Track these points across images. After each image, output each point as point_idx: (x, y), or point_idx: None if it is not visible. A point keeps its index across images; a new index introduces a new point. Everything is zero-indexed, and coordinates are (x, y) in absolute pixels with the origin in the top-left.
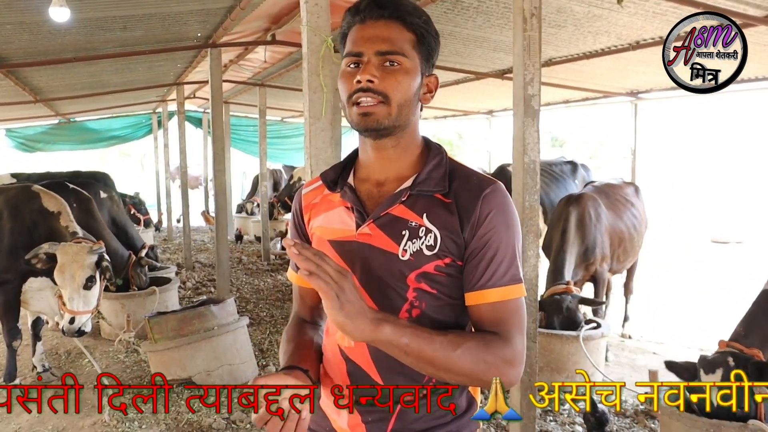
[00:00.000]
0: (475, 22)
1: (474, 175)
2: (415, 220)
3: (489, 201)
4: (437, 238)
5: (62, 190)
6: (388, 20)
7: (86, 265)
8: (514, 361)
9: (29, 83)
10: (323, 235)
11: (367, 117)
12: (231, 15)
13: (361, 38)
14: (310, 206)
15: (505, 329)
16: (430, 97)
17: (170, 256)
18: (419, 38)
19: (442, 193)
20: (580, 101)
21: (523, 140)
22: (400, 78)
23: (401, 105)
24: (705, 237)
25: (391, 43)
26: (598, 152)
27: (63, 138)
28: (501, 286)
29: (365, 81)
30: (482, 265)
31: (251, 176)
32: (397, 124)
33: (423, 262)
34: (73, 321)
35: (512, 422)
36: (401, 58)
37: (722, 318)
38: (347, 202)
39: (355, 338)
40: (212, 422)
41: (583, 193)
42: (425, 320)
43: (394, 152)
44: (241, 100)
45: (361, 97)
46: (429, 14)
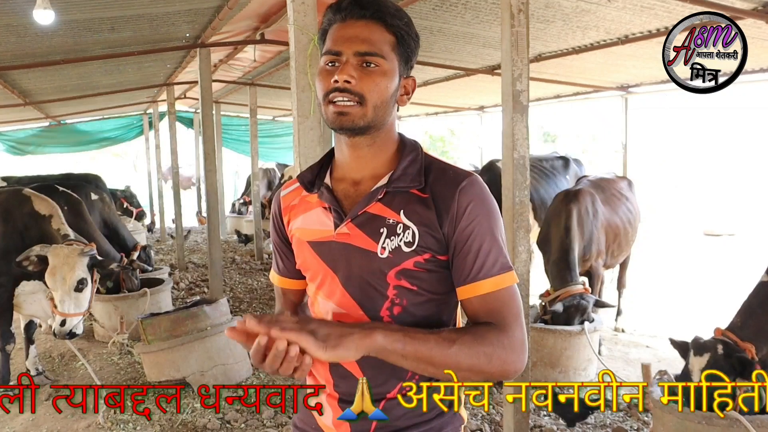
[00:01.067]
0: (463, 19)
1: (450, 168)
2: (392, 218)
3: (466, 193)
4: (415, 234)
5: (52, 192)
6: (369, 21)
7: (77, 267)
8: (515, 347)
9: (18, 86)
10: (302, 237)
11: (342, 116)
12: (219, 15)
13: (340, 37)
14: (289, 208)
15: (500, 318)
16: (407, 99)
17: (163, 257)
18: (399, 40)
19: (418, 189)
20: (571, 96)
21: (512, 136)
22: (378, 80)
23: (377, 106)
24: (697, 230)
25: (371, 44)
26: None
27: (54, 140)
28: (492, 276)
29: (342, 81)
30: (470, 258)
31: (244, 176)
32: (373, 125)
33: (402, 259)
34: (64, 323)
35: (504, 418)
36: (380, 60)
37: (715, 310)
38: (324, 202)
39: (353, 358)
40: (207, 422)
41: (580, 189)
42: (407, 317)
43: (370, 151)
44: (231, 99)
45: (337, 97)
46: (418, 11)
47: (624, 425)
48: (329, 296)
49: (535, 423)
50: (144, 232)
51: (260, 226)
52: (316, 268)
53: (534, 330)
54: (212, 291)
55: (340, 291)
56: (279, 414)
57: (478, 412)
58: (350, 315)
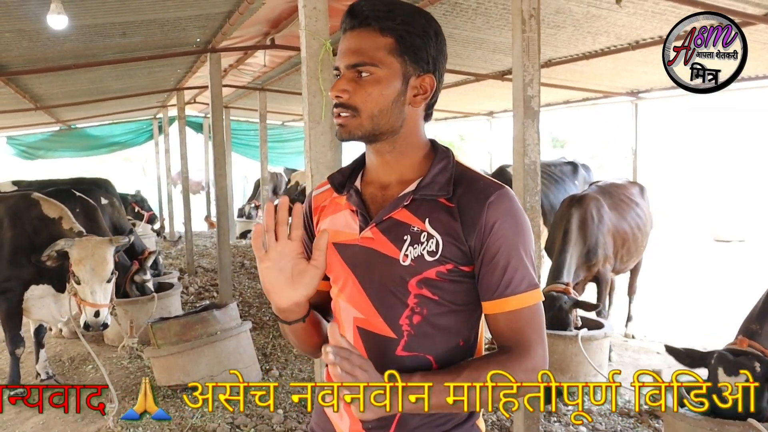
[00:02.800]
0: (474, 24)
1: (480, 179)
2: (417, 225)
3: (495, 208)
4: (439, 243)
5: (68, 197)
6: (360, 29)
7: (108, 258)
8: (536, 367)
9: (29, 91)
10: (329, 238)
11: (341, 128)
12: (230, 20)
13: (340, 51)
14: (319, 208)
15: (523, 337)
16: (422, 98)
17: (172, 261)
18: (398, 40)
19: (445, 198)
20: (581, 101)
21: (523, 141)
22: (370, 89)
23: (374, 115)
24: (707, 236)
25: (360, 53)
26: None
27: (64, 145)
28: (519, 293)
29: (334, 96)
30: (497, 274)
31: (252, 180)
32: (376, 132)
33: (424, 267)
34: (99, 314)
35: (514, 425)
36: (371, 68)
37: (725, 317)
38: (352, 205)
39: (371, 418)
40: (216, 427)
41: (585, 194)
42: (427, 327)
43: (392, 157)
44: (241, 104)
45: (338, 112)
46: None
47: None
48: (350, 300)
49: (545, 429)
50: (154, 237)
51: None
52: (338, 271)
53: None
54: (222, 295)
55: (360, 295)
56: (289, 419)
57: (488, 418)
58: (369, 321)
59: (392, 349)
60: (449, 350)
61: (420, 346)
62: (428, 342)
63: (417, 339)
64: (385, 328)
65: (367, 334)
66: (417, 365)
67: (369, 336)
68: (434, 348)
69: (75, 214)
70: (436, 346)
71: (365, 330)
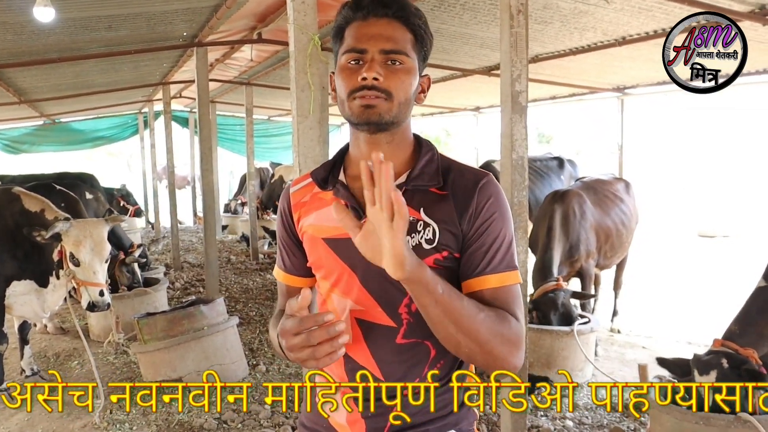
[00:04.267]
0: (461, 19)
1: (467, 168)
2: (412, 215)
3: (485, 191)
4: (435, 231)
5: (49, 191)
6: (391, 19)
7: (105, 237)
8: (521, 341)
9: (13, 84)
10: (317, 234)
11: (369, 109)
12: (217, 14)
13: (364, 35)
14: (299, 204)
15: (510, 310)
16: (423, 97)
17: (158, 256)
18: (418, 39)
19: (437, 187)
20: (567, 97)
21: (511, 137)
22: (403, 77)
23: (402, 103)
24: (692, 231)
25: (395, 41)
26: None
27: (48, 139)
28: (499, 272)
29: (371, 79)
30: (481, 252)
31: (238, 175)
32: (396, 120)
33: (422, 256)
34: (103, 293)
35: (501, 419)
36: (404, 58)
37: (710, 311)
38: (341, 199)
39: (401, 275)
40: (203, 422)
41: (568, 190)
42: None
43: (388, 148)
44: (227, 99)
45: (366, 94)
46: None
47: (621, 425)
48: (346, 293)
49: (532, 423)
50: (139, 232)
51: (255, 226)
52: (331, 266)
53: (531, 330)
54: (208, 290)
55: (358, 288)
56: (276, 414)
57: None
58: (368, 312)
59: (392, 337)
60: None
61: (418, 332)
62: (426, 328)
63: (415, 326)
64: (385, 318)
65: (365, 324)
66: (416, 352)
67: (367, 325)
68: (431, 335)
69: (58, 208)
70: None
71: (363, 320)
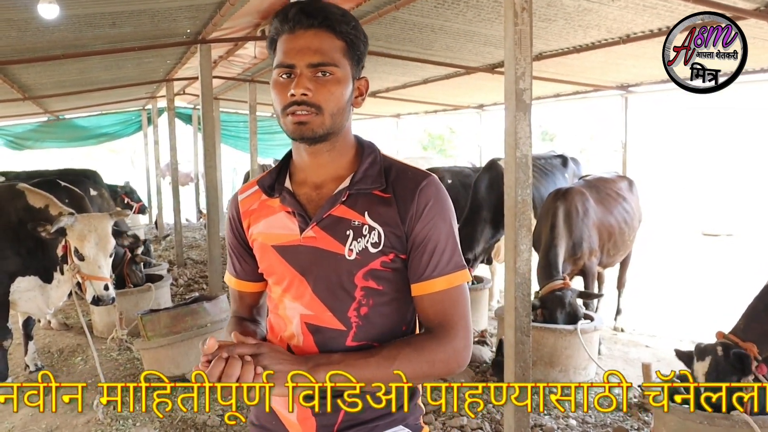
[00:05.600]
0: (465, 17)
1: (409, 169)
2: (357, 219)
3: (425, 194)
4: (381, 234)
5: (54, 188)
6: (317, 30)
7: (110, 232)
8: (457, 349)
9: (17, 81)
10: (266, 241)
11: (302, 126)
12: (220, 11)
13: (291, 49)
14: (248, 212)
15: (447, 318)
16: (362, 100)
17: (161, 253)
18: (349, 45)
19: (380, 189)
20: (571, 95)
21: (514, 134)
22: (333, 89)
23: (334, 114)
24: (696, 230)
25: (322, 54)
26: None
27: (52, 135)
28: (446, 274)
29: (299, 95)
30: (425, 257)
31: (242, 172)
32: (331, 131)
33: (369, 259)
34: (108, 287)
35: (504, 417)
36: (333, 68)
37: (714, 310)
38: (288, 206)
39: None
40: (206, 419)
41: (570, 188)
42: (373, 316)
43: (330, 156)
44: (231, 96)
45: (296, 110)
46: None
47: (624, 425)
48: (297, 298)
49: (535, 422)
50: (143, 228)
51: None
52: (282, 272)
53: (534, 329)
54: (211, 287)
55: (308, 294)
56: None
57: (421, 407)
58: (318, 317)
59: (342, 341)
60: (394, 335)
61: (368, 335)
62: (375, 330)
63: (365, 329)
64: (335, 322)
65: (315, 329)
66: None
67: (318, 330)
68: (381, 335)
69: (63, 205)
70: (382, 333)
71: (313, 325)
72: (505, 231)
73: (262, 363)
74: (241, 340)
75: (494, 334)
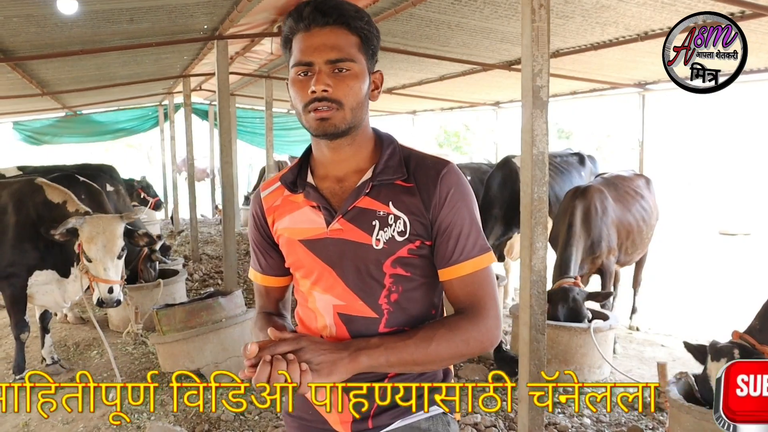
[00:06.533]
0: (482, 14)
1: (428, 158)
2: (382, 209)
3: (447, 181)
4: (406, 223)
5: (73, 182)
6: (333, 26)
7: (119, 234)
8: (489, 327)
9: (36, 76)
10: (293, 236)
11: (325, 122)
12: (237, 7)
13: (308, 47)
14: (272, 209)
15: (477, 300)
16: (378, 93)
17: (177, 248)
18: (363, 40)
19: (402, 179)
20: (588, 92)
21: (531, 132)
22: (351, 83)
23: (354, 108)
24: (713, 229)
25: (339, 50)
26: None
27: (70, 131)
28: (472, 257)
29: (320, 91)
30: (452, 242)
31: (258, 168)
32: (352, 125)
33: (396, 248)
34: (112, 290)
35: (518, 415)
36: (350, 64)
37: (730, 310)
38: (312, 201)
39: (344, 379)
40: (221, 413)
41: (589, 186)
42: (403, 302)
43: (350, 149)
44: (247, 92)
45: (318, 106)
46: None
47: (639, 424)
48: (328, 290)
49: (549, 420)
50: (158, 223)
51: None
52: (311, 265)
53: (549, 327)
54: (227, 283)
55: (338, 285)
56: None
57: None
58: (350, 306)
59: (374, 328)
60: (424, 319)
61: (399, 320)
62: (406, 316)
63: (396, 315)
64: (367, 310)
65: (348, 319)
66: None
67: (351, 319)
68: (412, 320)
69: (80, 200)
70: (413, 318)
71: (346, 315)
72: (521, 228)
73: (304, 357)
74: (279, 336)
75: (509, 332)
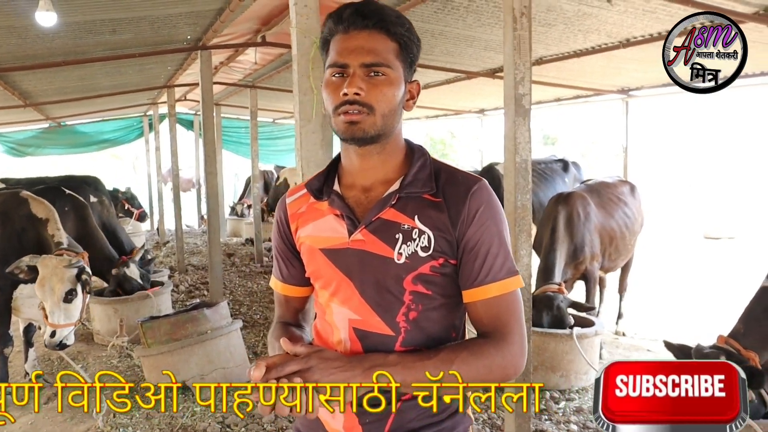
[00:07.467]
0: (465, 22)
1: (459, 173)
2: (407, 223)
3: (477, 198)
4: (431, 238)
5: (58, 195)
6: (372, 30)
7: (66, 279)
8: (514, 354)
9: (18, 87)
10: (314, 244)
11: (353, 125)
12: (221, 17)
13: (345, 49)
14: (296, 215)
15: (502, 324)
16: (413, 103)
17: (163, 259)
18: (402, 47)
19: (430, 194)
20: (572, 99)
21: (514, 139)
22: (385, 89)
23: (386, 115)
24: (697, 233)
25: (376, 54)
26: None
27: (53, 142)
28: (499, 280)
29: (352, 94)
30: (478, 262)
31: (243, 178)
32: (382, 133)
33: (419, 264)
34: (54, 335)
35: (505, 422)
36: (386, 69)
37: (716, 314)
38: (336, 209)
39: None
40: (207, 426)
41: (572, 192)
42: (422, 321)
43: (379, 158)
44: (232, 101)
45: (348, 109)
46: (420, 14)
47: None
48: (345, 303)
49: (536, 427)
50: (143, 234)
51: (260, 229)
52: (330, 276)
53: (535, 334)
54: (212, 294)
55: (356, 298)
56: (279, 418)
57: (479, 417)
58: (366, 321)
59: (390, 346)
60: (443, 341)
61: (416, 340)
62: (424, 336)
63: (414, 333)
64: (383, 327)
65: (364, 334)
66: None
67: (366, 335)
68: (430, 341)
69: (65, 213)
70: (431, 339)
71: (362, 330)
72: None
73: (313, 378)
74: (290, 350)
75: None
